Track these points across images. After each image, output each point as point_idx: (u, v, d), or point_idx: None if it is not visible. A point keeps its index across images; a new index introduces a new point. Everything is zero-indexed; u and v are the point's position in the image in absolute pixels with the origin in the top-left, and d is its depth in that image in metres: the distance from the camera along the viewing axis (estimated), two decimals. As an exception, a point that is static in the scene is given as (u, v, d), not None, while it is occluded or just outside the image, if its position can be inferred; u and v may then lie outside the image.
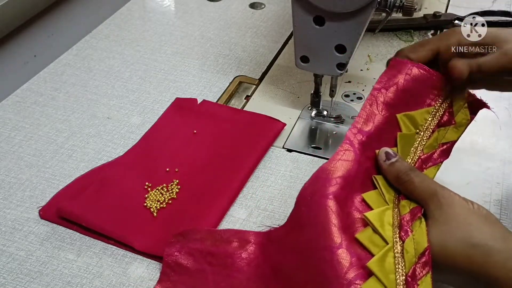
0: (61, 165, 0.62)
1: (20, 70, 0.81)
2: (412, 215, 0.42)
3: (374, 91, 0.49)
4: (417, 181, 0.43)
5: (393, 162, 0.45)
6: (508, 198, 0.58)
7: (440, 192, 0.42)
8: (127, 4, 0.93)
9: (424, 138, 0.48)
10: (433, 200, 0.41)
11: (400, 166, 0.45)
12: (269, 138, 0.65)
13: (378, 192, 0.45)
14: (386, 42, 0.83)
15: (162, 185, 0.59)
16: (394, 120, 0.48)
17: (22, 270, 0.51)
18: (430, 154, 0.48)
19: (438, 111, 0.48)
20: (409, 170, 0.44)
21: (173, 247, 0.50)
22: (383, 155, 0.46)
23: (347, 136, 0.47)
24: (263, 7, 0.93)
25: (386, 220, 0.42)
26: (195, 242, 0.50)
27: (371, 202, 0.44)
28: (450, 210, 0.40)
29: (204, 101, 0.71)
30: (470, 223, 0.39)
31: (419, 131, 0.48)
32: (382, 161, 0.46)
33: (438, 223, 0.40)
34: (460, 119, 0.49)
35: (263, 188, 0.60)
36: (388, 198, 0.44)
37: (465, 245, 0.39)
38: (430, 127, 0.48)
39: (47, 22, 0.85)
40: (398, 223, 0.42)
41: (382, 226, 0.41)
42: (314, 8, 0.57)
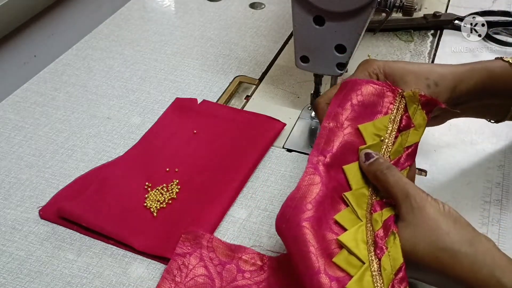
0: (61, 165, 0.62)
1: (20, 70, 0.81)
2: (385, 229, 0.42)
3: (331, 111, 0.49)
4: (392, 180, 0.44)
5: (372, 161, 0.46)
6: (508, 198, 0.58)
7: (413, 194, 0.42)
8: (127, 4, 0.93)
9: (389, 144, 0.48)
10: (406, 202, 0.42)
11: (378, 165, 0.46)
12: (269, 138, 0.65)
13: (350, 210, 0.45)
14: (386, 42, 0.83)
15: (162, 185, 0.59)
16: (357, 133, 0.49)
17: (22, 270, 0.51)
18: (397, 159, 0.48)
19: (396, 117, 0.49)
20: (385, 169, 0.45)
21: (184, 248, 0.50)
22: (363, 157, 0.47)
23: (310, 160, 0.47)
24: (263, 7, 0.93)
25: (360, 238, 0.43)
26: (208, 249, 0.50)
27: (344, 222, 0.44)
28: (421, 214, 0.41)
29: (204, 101, 0.71)
30: (439, 227, 0.41)
31: (383, 138, 0.48)
32: (362, 162, 0.47)
33: (409, 225, 0.42)
34: (418, 121, 0.49)
35: (263, 188, 0.60)
36: (360, 214, 0.44)
37: (433, 248, 0.40)
38: (392, 133, 0.49)
39: (47, 22, 0.85)
40: (372, 240, 0.42)
41: (357, 246, 0.42)
42: (314, 8, 0.57)
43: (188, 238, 0.51)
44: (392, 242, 0.41)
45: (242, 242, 0.54)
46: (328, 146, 0.47)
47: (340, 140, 0.48)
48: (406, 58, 0.79)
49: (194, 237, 0.51)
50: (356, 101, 0.49)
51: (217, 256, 0.50)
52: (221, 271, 0.49)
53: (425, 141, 0.65)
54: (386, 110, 0.49)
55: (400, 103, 0.49)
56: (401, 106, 0.49)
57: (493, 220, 0.55)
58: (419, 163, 0.61)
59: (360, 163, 0.47)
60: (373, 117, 0.49)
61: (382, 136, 0.48)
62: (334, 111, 0.49)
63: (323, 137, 0.48)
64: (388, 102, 0.49)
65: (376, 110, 0.49)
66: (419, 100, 0.49)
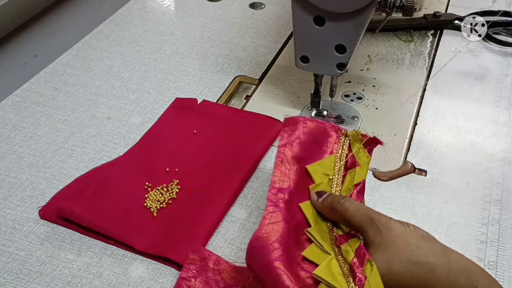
0: (61, 165, 0.62)
1: (20, 70, 0.81)
2: (359, 258, 0.42)
3: (280, 147, 0.51)
4: (352, 209, 0.44)
5: (325, 197, 0.47)
6: (508, 198, 0.58)
7: (377, 218, 0.43)
8: (127, 4, 0.93)
9: (338, 182, 0.50)
10: (372, 226, 0.43)
11: (332, 199, 0.46)
12: (269, 138, 0.65)
13: (315, 245, 0.45)
14: (386, 42, 0.83)
15: (162, 185, 0.59)
16: (306, 172, 0.50)
17: (22, 270, 0.51)
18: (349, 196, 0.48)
19: (342, 155, 0.51)
20: (341, 199, 0.45)
21: (189, 272, 0.49)
22: (315, 196, 0.48)
23: (269, 199, 0.47)
24: (263, 7, 0.93)
25: (335, 270, 0.42)
26: (214, 272, 0.50)
27: (312, 257, 0.44)
28: (389, 234, 0.42)
29: (204, 101, 0.71)
30: (410, 243, 0.41)
31: (332, 177, 0.50)
32: (315, 201, 0.47)
33: (380, 248, 0.42)
34: (362, 160, 0.51)
35: (263, 188, 0.60)
36: (327, 248, 0.44)
37: (408, 264, 0.40)
38: (340, 171, 0.50)
39: (47, 22, 0.85)
40: (348, 271, 0.42)
41: (334, 279, 0.41)
42: (314, 8, 0.57)
43: (195, 259, 0.50)
44: (370, 271, 0.41)
45: (242, 242, 0.54)
46: (284, 183, 0.49)
47: (294, 178, 0.49)
48: (406, 58, 0.79)
49: (201, 259, 0.50)
50: (304, 139, 0.51)
51: (223, 279, 0.49)
52: None
53: (425, 141, 0.65)
54: (331, 150, 0.51)
55: (344, 143, 0.52)
56: (345, 146, 0.52)
57: (493, 220, 0.55)
58: (419, 163, 0.62)
59: (313, 202, 0.48)
60: (320, 156, 0.51)
61: (330, 174, 0.50)
62: (283, 150, 0.51)
63: (277, 174, 0.49)
64: (333, 141, 0.52)
65: (322, 150, 0.51)
66: (361, 139, 0.51)
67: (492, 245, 0.53)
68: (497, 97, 0.72)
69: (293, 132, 0.52)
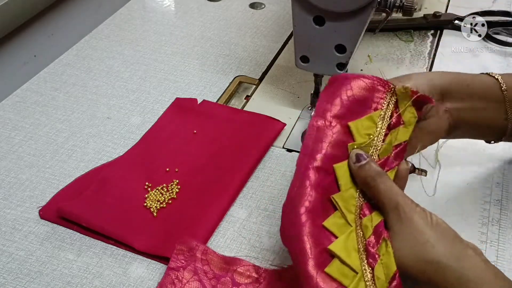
0: (61, 165, 0.62)
1: (20, 70, 0.81)
2: (376, 236, 0.42)
3: (319, 107, 0.47)
4: (382, 188, 0.43)
5: (363, 165, 0.44)
6: (508, 198, 0.58)
7: (402, 205, 0.42)
8: (127, 4, 0.93)
9: (378, 143, 0.47)
10: (394, 213, 0.42)
11: (368, 170, 0.44)
12: (269, 138, 0.65)
13: (339, 215, 0.44)
14: (386, 42, 0.83)
15: (162, 185, 0.59)
16: (346, 131, 0.46)
17: (22, 270, 0.51)
18: (385, 159, 0.47)
19: (386, 113, 0.47)
20: (376, 175, 0.44)
21: (177, 261, 0.50)
22: (354, 157, 0.45)
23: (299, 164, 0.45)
24: (263, 7, 0.93)
25: (351, 245, 0.42)
26: (202, 262, 0.50)
27: (333, 228, 0.43)
28: (409, 226, 0.41)
29: (204, 101, 0.71)
30: (426, 240, 0.40)
31: (373, 137, 0.47)
32: (352, 163, 0.45)
33: (397, 236, 0.41)
34: (407, 117, 0.48)
35: (263, 188, 0.60)
36: (350, 219, 0.43)
37: (420, 261, 0.40)
38: (382, 130, 0.47)
39: (47, 22, 0.85)
40: (363, 247, 0.42)
41: (348, 255, 0.41)
42: (314, 8, 0.57)
43: (183, 250, 0.50)
44: (385, 250, 0.41)
45: (242, 242, 0.54)
46: (316, 146, 0.45)
47: (329, 140, 0.46)
48: (406, 58, 0.79)
49: (189, 249, 0.50)
50: (346, 97, 0.47)
51: (212, 269, 0.50)
52: (215, 284, 0.49)
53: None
54: (376, 106, 0.47)
55: (391, 99, 0.47)
56: (391, 102, 0.47)
57: (493, 220, 0.55)
58: (419, 163, 0.61)
59: (350, 163, 0.45)
60: (363, 113, 0.47)
61: (371, 134, 0.46)
62: (323, 107, 0.47)
63: (311, 138, 0.46)
64: (379, 97, 0.47)
65: (366, 106, 0.47)
66: (411, 96, 0.47)
67: (492, 245, 0.53)
68: (497, 97, 0.72)
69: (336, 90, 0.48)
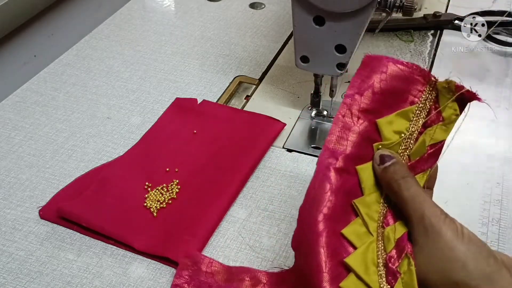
0: (61, 165, 0.62)
1: (20, 70, 0.81)
2: (398, 251, 0.38)
3: (347, 98, 0.42)
4: (407, 195, 0.39)
5: (387, 166, 0.40)
6: (508, 198, 0.58)
7: (428, 217, 0.38)
8: (127, 4, 0.93)
9: (410, 142, 0.42)
10: (420, 224, 0.38)
11: (393, 173, 0.40)
12: (269, 138, 0.65)
13: (360, 222, 0.40)
14: (386, 42, 0.83)
15: (162, 185, 0.59)
16: (374, 128, 0.42)
17: (22, 270, 0.51)
18: (417, 160, 0.42)
19: (424, 109, 0.42)
20: (401, 179, 0.39)
21: (181, 278, 0.49)
22: (378, 159, 0.41)
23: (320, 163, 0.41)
24: (263, 7, 0.93)
25: (370, 258, 0.38)
26: (206, 275, 0.49)
27: (352, 237, 0.39)
28: (437, 239, 0.37)
29: (204, 101, 0.71)
30: (456, 257, 0.36)
31: (404, 136, 0.42)
32: (376, 165, 0.41)
33: (422, 250, 0.38)
34: (448, 114, 0.41)
35: (263, 188, 0.60)
36: (371, 227, 0.39)
37: (447, 281, 0.36)
38: (416, 128, 0.42)
39: (47, 22, 0.85)
40: (383, 262, 0.38)
41: (366, 271, 0.38)
42: (314, 8, 0.57)
43: (187, 264, 0.50)
44: (406, 267, 0.37)
45: (242, 242, 0.54)
46: (340, 145, 0.41)
47: (355, 138, 0.41)
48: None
49: (193, 263, 0.50)
50: (379, 87, 0.42)
51: (216, 281, 0.49)
52: None
53: (425, 141, 0.65)
54: (413, 99, 0.42)
55: (431, 93, 0.42)
56: (431, 97, 0.42)
57: (493, 220, 0.55)
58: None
59: (374, 165, 0.41)
60: (396, 107, 0.42)
61: (403, 132, 0.42)
62: (351, 98, 0.42)
63: (335, 134, 0.41)
64: (417, 89, 0.42)
65: (401, 98, 0.42)
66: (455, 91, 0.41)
67: (492, 245, 0.53)
68: (497, 97, 0.72)
69: (367, 78, 0.42)
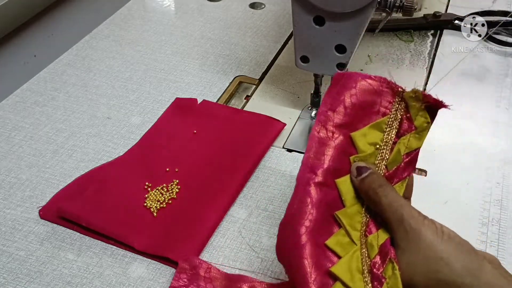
0: (61, 165, 0.62)
1: (20, 70, 0.81)
2: (382, 256, 0.39)
3: (320, 115, 0.44)
4: (385, 202, 0.40)
5: (364, 177, 0.41)
6: (508, 198, 0.58)
7: (407, 219, 0.39)
8: (127, 4, 0.93)
9: (385, 153, 0.43)
10: (400, 228, 0.39)
11: (370, 182, 0.41)
12: (269, 138, 0.65)
13: (343, 233, 0.41)
14: (386, 42, 0.83)
15: (162, 185, 0.59)
16: (349, 141, 0.43)
17: (22, 270, 0.51)
18: (394, 170, 0.43)
19: (395, 119, 0.43)
20: (378, 188, 0.40)
21: (180, 281, 0.49)
22: (355, 171, 0.42)
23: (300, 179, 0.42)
24: (263, 7, 0.93)
25: (355, 266, 0.39)
26: (205, 280, 0.49)
27: (336, 247, 0.40)
28: (417, 242, 0.38)
29: (204, 101, 0.71)
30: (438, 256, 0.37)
31: (379, 147, 0.43)
32: (353, 177, 0.42)
33: (404, 253, 0.38)
34: (420, 122, 0.43)
35: (263, 188, 0.60)
36: (354, 236, 0.41)
37: (432, 281, 0.37)
38: (390, 138, 0.43)
39: (47, 22, 0.85)
40: (368, 268, 0.39)
41: (351, 278, 0.38)
42: (314, 8, 0.57)
43: (185, 268, 0.50)
44: (391, 272, 0.38)
45: (242, 242, 0.54)
46: (318, 160, 0.42)
47: (332, 152, 0.43)
48: (406, 58, 0.79)
49: (191, 267, 0.50)
50: (350, 102, 0.43)
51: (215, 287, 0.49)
52: None
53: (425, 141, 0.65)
54: (384, 111, 0.43)
55: (400, 103, 0.43)
56: (401, 107, 0.43)
57: (493, 220, 0.55)
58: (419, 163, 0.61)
59: (352, 178, 0.42)
60: (369, 119, 0.44)
61: (377, 143, 0.43)
62: (325, 115, 0.44)
63: (312, 149, 0.43)
64: (387, 101, 0.43)
65: (373, 111, 0.43)
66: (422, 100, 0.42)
67: (492, 245, 0.53)
68: (497, 97, 0.72)
69: (339, 95, 0.44)
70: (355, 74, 0.44)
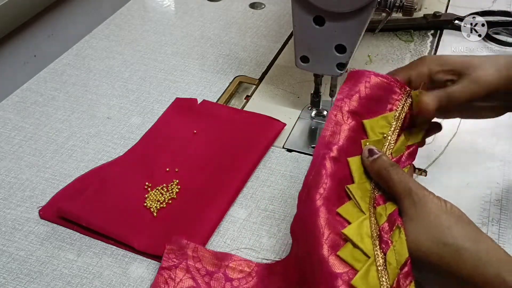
0: (61, 165, 0.62)
1: (20, 70, 0.81)
2: (390, 223, 0.42)
3: (338, 101, 0.49)
4: (395, 178, 0.44)
5: (375, 158, 0.46)
6: (508, 198, 0.58)
7: (415, 190, 0.43)
8: (127, 4, 0.93)
9: (391, 142, 0.49)
10: (408, 198, 0.43)
11: (381, 162, 0.45)
12: (269, 138, 0.65)
13: (353, 203, 0.45)
14: (386, 42, 0.83)
15: (162, 185, 0.59)
16: (360, 127, 0.49)
17: (22, 270, 0.51)
18: (398, 157, 0.48)
19: (401, 114, 0.49)
20: (389, 166, 0.45)
21: (169, 261, 0.50)
22: (366, 152, 0.47)
23: (316, 153, 0.47)
24: (263, 7, 0.93)
25: (365, 232, 0.43)
26: (194, 259, 0.50)
27: (347, 215, 0.44)
28: (423, 209, 0.42)
29: (204, 101, 0.71)
30: (442, 223, 0.40)
31: (386, 136, 0.49)
32: (365, 157, 0.47)
33: (411, 220, 0.42)
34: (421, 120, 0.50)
35: (263, 188, 0.60)
36: (363, 207, 0.44)
37: (436, 244, 0.40)
38: (396, 130, 0.49)
39: (47, 22, 0.85)
40: (377, 234, 0.42)
41: (361, 240, 0.42)
42: (314, 8, 0.57)
43: (173, 249, 0.50)
44: (397, 236, 0.41)
45: (242, 242, 0.54)
46: (333, 138, 0.47)
47: (346, 133, 0.48)
48: (406, 58, 0.79)
49: (179, 248, 0.50)
50: (364, 94, 0.49)
51: (204, 266, 0.50)
52: (209, 281, 0.49)
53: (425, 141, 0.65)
54: (392, 107, 0.49)
55: (406, 101, 0.50)
56: (406, 104, 0.49)
57: (493, 220, 0.55)
58: (419, 163, 0.61)
59: (363, 158, 0.47)
60: (378, 112, 0.49)
61: (385, 133, 0.49)
62: (342, 101, 0.49)
63: (329, 129, 0.48)
64: (395, 98, 0.49)
65: (382, 105, 0.49)
66: None
67: (492, 245, 0.53)
68: (497, 97, 0.72)
69: (354, 86, 0.50)
70: (369, 72, 0.50)
